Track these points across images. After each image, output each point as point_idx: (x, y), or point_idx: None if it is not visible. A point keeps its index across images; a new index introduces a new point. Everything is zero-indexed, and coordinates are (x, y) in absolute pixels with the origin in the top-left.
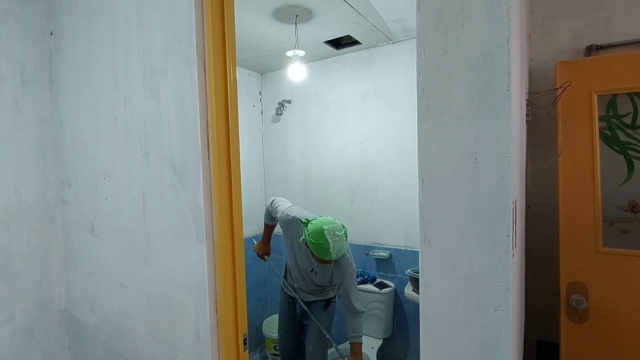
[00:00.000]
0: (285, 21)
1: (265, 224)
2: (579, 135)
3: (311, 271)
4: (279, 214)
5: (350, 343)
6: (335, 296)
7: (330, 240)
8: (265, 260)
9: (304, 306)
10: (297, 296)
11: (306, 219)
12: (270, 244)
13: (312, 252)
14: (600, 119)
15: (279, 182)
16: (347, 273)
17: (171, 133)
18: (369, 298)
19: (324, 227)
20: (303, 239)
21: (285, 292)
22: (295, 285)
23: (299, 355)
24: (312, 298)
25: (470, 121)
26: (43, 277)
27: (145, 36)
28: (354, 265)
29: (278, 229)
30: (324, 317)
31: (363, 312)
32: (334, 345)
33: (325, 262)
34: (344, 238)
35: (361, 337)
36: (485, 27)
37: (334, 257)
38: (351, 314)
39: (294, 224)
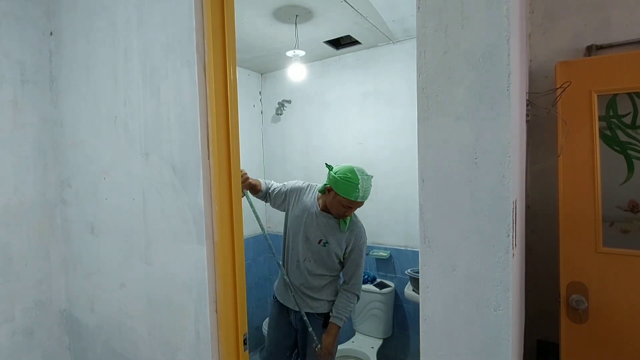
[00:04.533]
0: (285, 21)
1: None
2: (579, 135)
3: (319, 242)
4: (282, 187)
5: (330, 321)
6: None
7: (359, 177)
8: (243, 194)
9: (305, 317)
10: (296, 305)
11: (330, 165)
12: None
13: (333, 198)
14: (600, 119)
15: (278, 182)
16: (361, 242)
17: (171, 133)
18: (369, 298)
19: (353, 166)
20: (325, 185)
21: (277, 300)
22: (291, 282)
23: None
24: (306, 308)
25: (470, 121)
26: (43, 277)
27: (145, 36)
28: (367, 237)
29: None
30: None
31: (358, 296)
32: (309, 329)
33: (348, 206)
34: (371, 183)
35: (343, 321)
36: (485, 27)
37: (361, 196)
38: (346, 291)
39: (309, 191)
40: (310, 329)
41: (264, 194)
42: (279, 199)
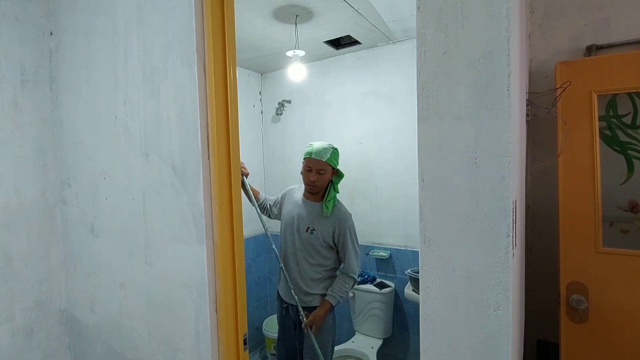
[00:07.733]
0: (285, 21)
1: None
2: (579, 135)
3: (307, 230)
4: (277, 196)
5: (324, 299)
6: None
7: (315, 144)
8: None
9: (302, 315)
10: (295, 298)
11: None
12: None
13: (302, 168)
14: (600, 119)
15: (278, 182)
16: (347, 225)
17: (171, 133)
18: (369, 298)
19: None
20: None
21: (280, 297)
22: (290, 278)
23: None
24: (300, 303)
25: (470, 121)
26: (43, 277)
27: (145, 36)
28: (353, 221)
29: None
30: (322, 330)
31: (355, 279)
32: (295, 299)
33: (307, 167)
34: (331, 148)
35: (336, 299)
36: (485, 27)
37: (314, 152)
38: (342, 274)
39: (298, 188)
40: (299, 306)
41: (263, 206)
42: (276, 206)
